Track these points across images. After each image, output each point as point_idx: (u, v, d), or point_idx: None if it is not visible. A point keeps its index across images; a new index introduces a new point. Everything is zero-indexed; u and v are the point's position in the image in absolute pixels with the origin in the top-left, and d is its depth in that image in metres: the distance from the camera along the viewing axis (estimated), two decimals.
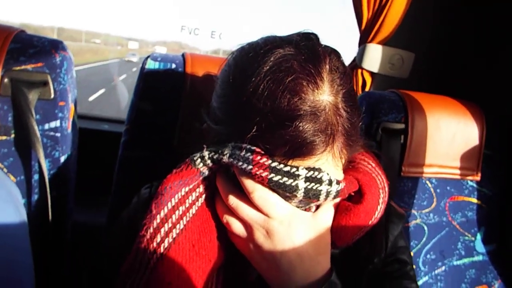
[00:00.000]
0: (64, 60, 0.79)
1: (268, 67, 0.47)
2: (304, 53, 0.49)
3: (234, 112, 0.51)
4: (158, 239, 0.50)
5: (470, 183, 0.97)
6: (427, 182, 0.94)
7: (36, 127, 0.75)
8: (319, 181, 0.48)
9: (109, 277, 0.54)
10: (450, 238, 0.96)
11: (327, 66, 0.48)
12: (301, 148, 0.46)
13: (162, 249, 0.49)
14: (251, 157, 0.47)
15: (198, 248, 0.51)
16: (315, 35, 0.52)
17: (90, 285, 0.62)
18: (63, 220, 0.83)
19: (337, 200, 0.55)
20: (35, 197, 0.79)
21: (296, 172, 0.47)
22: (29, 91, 0.75)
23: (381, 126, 0.90)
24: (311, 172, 0.47)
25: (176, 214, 0.51)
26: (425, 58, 1.18)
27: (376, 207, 0.57)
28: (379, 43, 1.13)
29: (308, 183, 0.47)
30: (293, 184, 0.47)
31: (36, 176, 0.78)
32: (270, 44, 0.50)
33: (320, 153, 0.47)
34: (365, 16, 1.11)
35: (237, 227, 0.52)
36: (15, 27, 0.79)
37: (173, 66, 0.82)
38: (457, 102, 0.97)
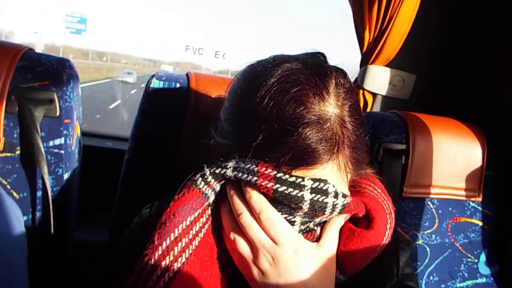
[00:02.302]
0: (71, 79, 0.80)
1: (275, 79, 0.49)
2: (311, 68, 0.50)
3: (240, 122, 0.52)
4: (159, 272, 0.47)
5: (472, 204, 0.96)
6: (429, 203, 0.94)
7: (41, 144, 0.75)
8: (325, 192, 0.47)
9: None
10: (453, 259, 0.95)
11: (333, 81, 0.50)
12: (305, 155, 0.46)
13: (162, 284, 0.47)
14: (256, 168, 0.48)
15: (200, 283, 0.49)
16: (323, 54, 0.54)
17: None
18: (64, 237, 0.83)
19: (342, 219, 0.54)
20: (37, 214, 0.79)
21: (302, 183, 0.47)
22: (35, 108, 0.76)
23: (383, 147, 0.90)
24: (317, 183, 0.47)
25: (179, 246, 0.49)
26: (426, 80, 1.20)
27: (384, 233, 0.56)
28: (380, 64, 1.14)
29: (314, 195, 0.47)
30: (299, 195, 0.47)
31: (39, 193, 0.79)
32: (278, 59, 0.52)
33: (325, 162, 0.47)
34: (367, 38, 1.13)
35: (243, 248, 0.50)
36: (24, 45, 0.81)
37: (178, 85, 0.83)
38: (458, 123, 0.97)
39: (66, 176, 0.81)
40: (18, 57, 0.76)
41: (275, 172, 0.47)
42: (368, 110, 1.18)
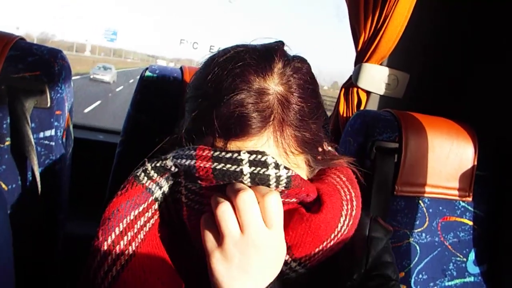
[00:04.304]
0: (63, 70, 0.79)
1: (222, 59, 0.51)
2: (259, 51, 0.51)
3: (189, 102, 0.55)
4: (106, 267, 0.47)
5: (462, 203, 0.97)
6: (420, 201, 0.94)
7: (31, 135, 0.74)
8: (264, 164, 0.46)
9: None
10: (442, 258, 0.96)
11: (280, 63, 0.51)
12: (236, 122, 0.47)
13: (110, 278, 0.47)
14: (194, 153, 0.47)
15: (150, 274, 0.49)
16: (281, 42, 0.55)
17: None
18: (54, 230, 0.82)
19: (293, 199, 0.53)
20: (26, 206, 0.77)
21: (238, 157, 0.46)
22: (25, 99, 0.75)
23: (376, 145, 0.90)
24: (254, 155, 0.46)
25: (125, 239, 0.49)
26: (420, 79, 1.20)
27: (337, 219, 0.54)
28: (374, 63, 1.14)
29: (253, 168, 0.46)
30: (237, 169, 0.46)
31: (28, 185, 0.78)
32: (236, 46, 0.53)
33: (258, 134, 0.48)
34: (362, 36, 1.12)
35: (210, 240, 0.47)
36: (15, 35, 0.79)
37: (171, 78, 0.82)
38: (451, 122, 0.98)
39: (56, 168, 0.80)
40: (9, 46, 0.75)
41: (212, 152, 0.47)
42: (362, 108, 1.18)
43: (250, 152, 0.47)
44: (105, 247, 0.48)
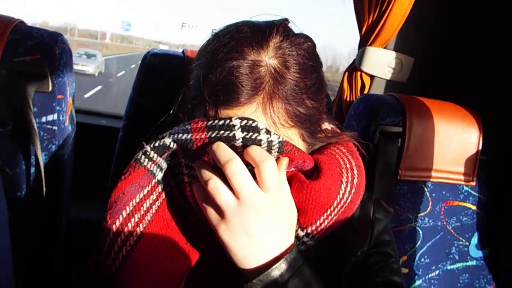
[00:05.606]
0: (63, 53, 0.78)
1: (222, 33, 0.53)
2: (260, 26, 0.52)
3: (190, 74, 0.56)
4: (116, 248, 0.49)
5: (465, 188, 0.97)
6: (423, 186, 0.94)
7: (33, 120, 0.74)
8: (256, 129, 0.48)
9: None
10: (444, 242, 0.96)
11: (278, 37, 0.51)
12: (223, 89, 0.48)
13: (120, 258, 0.49)
14: (189, 126, 0.49)
15: (158, 252, 0.51)
16: (285, 19, 0.55)
17: (80, 281, 0.62)
18: (57, 214, 0.82)
19: (288, 166, 0.52)
20: (30, 190, 0.78)
21: (230, 123, 0.47)
22: (27, 83, 0.74)
23: (379, 129, 0.90)
24: (245, 121, 0.48)
25: (132, 221, 0.51)
26: (424, 63, 1.19)
27: (338, 186, 0.55)
28: (378, 46, 1.13)
29: (245, 133, 0.47)
30: (230, 135, 0.47)
31: (32, 169, 0.78)
32: (240, 22, 0.54)
33: (245, 102, 0.49)
34: (366, 20, 1.11)
35: (213, 214, 0.49)
36: (15, 18, 0.78)
37: (174, 62, 0.81)
38: (455, 107, 0.97)
39: (59, 152, 0.80)
40: (9, 29, 0.74)
41: (205, 123, 0.48)
42: (365, 92, 1.17)
43: (241, 118, 0.48)
44: (114, 229, 0.50)
